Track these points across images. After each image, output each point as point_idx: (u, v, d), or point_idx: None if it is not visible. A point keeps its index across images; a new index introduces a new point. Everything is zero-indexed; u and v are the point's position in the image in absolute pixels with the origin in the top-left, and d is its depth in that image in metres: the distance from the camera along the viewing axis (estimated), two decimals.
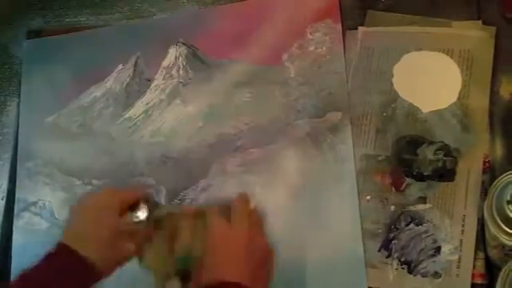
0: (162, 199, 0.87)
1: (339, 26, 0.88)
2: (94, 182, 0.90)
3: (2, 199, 0.92)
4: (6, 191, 0.92)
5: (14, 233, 0.89)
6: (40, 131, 0.94)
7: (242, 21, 0.92)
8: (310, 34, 0.90)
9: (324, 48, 0.89)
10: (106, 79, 0.95)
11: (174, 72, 0.93)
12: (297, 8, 0.91)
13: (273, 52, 0.90)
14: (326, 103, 0.86)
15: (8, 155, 0.94)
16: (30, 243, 0.88)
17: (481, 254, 0.75)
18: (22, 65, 0.98)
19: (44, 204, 0.90)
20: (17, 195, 0.91)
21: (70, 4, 1.00)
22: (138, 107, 0.93)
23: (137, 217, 0.71)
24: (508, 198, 0.66)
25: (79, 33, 0.98)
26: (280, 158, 0.85)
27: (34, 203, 0.91)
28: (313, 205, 0.82)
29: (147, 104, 0.92)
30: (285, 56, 0.90)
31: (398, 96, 0.83)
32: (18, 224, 0.90)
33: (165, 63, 0.93)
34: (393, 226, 0.78)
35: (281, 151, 0.85)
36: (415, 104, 0.82)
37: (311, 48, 0.89)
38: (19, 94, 0.97)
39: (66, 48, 0.98)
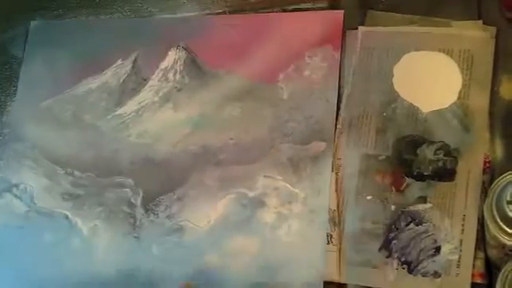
0: (138, 202, 0.86)
1: (338, 55, 0.87)
2: (76, 173, 0.89)
3: None
4: None
5: None
6: (33, 114, 0.93)
7: (244, 34, 0.92)
8: (308, 57, 0.88)
9: (319, 74, 0.87)
10: (104, 72, 0.94)
11: (170, 75, 0.92)
12: (300, 29, 0.90)
13: (270, 70, 0.89)
14: (312, 131, 0.84)
15: (4, 151, 0.94)
16: (8, 225, 0.88)
17: (481, 254, 0.74)
18: (26, 45, 0.98)
19: (26, 188, 0.90)
20: (1, 174, 0.91)
21: (69, 4, 1.00)
22: (130, 105, 0.91)
23: None
24: (508, 197, 0.65)
25: (86, 20, 0.98)
26: (257, 179, 0.84)
27: (16, 185, 0.90)
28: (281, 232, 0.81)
29: (140, 103, 0.91)
30: (281, 76, 0.88)
31: (398, 96, 0.83)
32: None
33: (163, 65, 0.92)
34: (393, 226, 0.78)
35: (260, 172, 0.84)
36: (415, 104, 0.82)
37: (307, 72, 0.88)
38: None
39: (70, 34, 0.97)
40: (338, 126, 0.84)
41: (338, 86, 0.86)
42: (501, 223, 0.65)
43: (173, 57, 0.93)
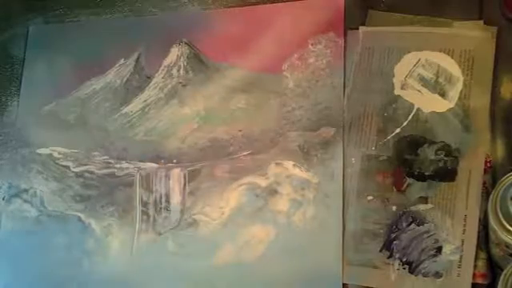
0: (150, 199, 0.87)
1: (341, 41, 0.87)
2: (87, 174, 0.90)
3: (3, 199, 0.92)
4: (7, 191, 0.92)
5: (3, 218, 0.89)
6: (37, 119, 0.94)
7: (246, 26, 0.91)
8: (312, 45, 0.88)
9: (324, 61, 0.87)
10: (107, 72, 0.94)
11: (174, 71, 0.92)
12: (301, 17, 0.90)
13: (273, 60, 0.89)
14: (320, 117, 0.85)
15: (9, 155, 0.94)
16: (17, 230, 0.88)
17: (482, 254, 0.75)
18: (26, 48, 0.98)
19: (35, 192, 0.90)
20: (10, 180, 0.91)
21: (70, 4, 1.00)
22: (136, 104, 0.92)
23: None
24: None
25: (84, 22, 0.98)
26: (269, 168, 0.84)
27: (26, 190, 0.91)
28: (296, 219, 0.82)
29: (145, 101, 0.92)
30: (285, 65, 0.89)
31: (399, 96, 0.83)
32: (7, 209, 0.90)
33: (166, 62, 0.93)
34: (394, 227, 0.78)
35: (270, 161, 0.85)
36: (416, 104, 0.82)
37: (311, 60, 0.88)
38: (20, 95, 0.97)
39: (70, 37, 0.97)
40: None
41: (343, 71, 0.86)
42: (504, 222, 0.65)
43: (176, 53, 0.93)
